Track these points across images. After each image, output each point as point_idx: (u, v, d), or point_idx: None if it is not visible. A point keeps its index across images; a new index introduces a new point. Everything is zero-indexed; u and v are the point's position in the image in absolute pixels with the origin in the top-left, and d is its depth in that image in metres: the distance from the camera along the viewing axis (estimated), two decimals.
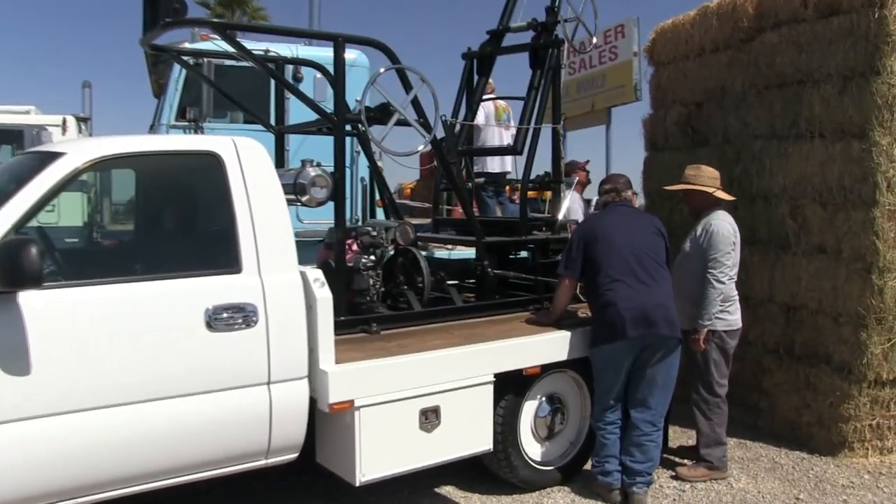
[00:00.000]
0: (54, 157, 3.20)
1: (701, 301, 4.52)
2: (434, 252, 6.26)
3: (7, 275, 2.76)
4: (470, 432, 3.96)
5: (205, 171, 3.47)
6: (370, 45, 4.29)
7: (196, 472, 3.32)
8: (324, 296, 3.50)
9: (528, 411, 4.38)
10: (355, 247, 4.57)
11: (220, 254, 3.40)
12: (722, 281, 4.51)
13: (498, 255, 5.06)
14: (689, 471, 4.70)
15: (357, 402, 3.51)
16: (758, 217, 5.58)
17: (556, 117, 5.31)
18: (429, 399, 3.75)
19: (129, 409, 3.07)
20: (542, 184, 5.34)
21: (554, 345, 4.28)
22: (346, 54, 4.18)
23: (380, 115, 4.27)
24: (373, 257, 4.49)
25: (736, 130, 5.89)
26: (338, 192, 4.10)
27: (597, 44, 5.95)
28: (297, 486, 4.42)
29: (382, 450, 3.63)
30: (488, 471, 4.37)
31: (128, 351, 3.06)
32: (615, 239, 4.25)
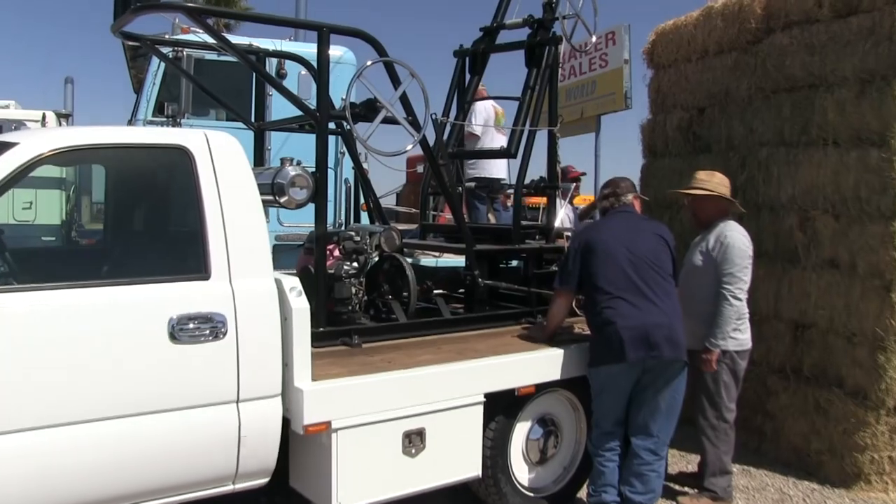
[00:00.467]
0: (5, 148, 2.89)
1: (715, 319, 4.24)
2: (420, 259, 5.98)
3: None
4: (457, 457, 3.65)
5: (172, 167, 3.16)
6: (356, 37, 3.99)
7: (152, 499, 2.99)
8: (300, 306, 3.18)
9: (519, 434, 4.08)
10: (337, 252, 4.28)
11: (187, 258, 3.10)
12: (738, 297, 4.24)
13: (489, 264, 4.76)
14: (692, 501, 4.41)
15: (335, 424, 3.20)
16: (764, 228, 5.30)
17: (553, 119, 5.03)
18: (413, 421, 3.44)
19: (77, 428, 2.75)
20: (536, 189, 5.04)
21: (550, 363, 3.98)
22: (333, 51, 3.92)
23: (365, 111, 3.96)
24: (356, 264, 4.22)
25: (741, 137, 5.64)
26: (319, 194, 3.79)
27: (597, 42, 5.67)
28: None
29: (362, 475, 3.32)
30: (476, 497, 4.07)
31: (79, 364, 2.75)
32: (614, 250, 3.94)
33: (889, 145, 4.44)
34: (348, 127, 4.74)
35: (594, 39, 5.44)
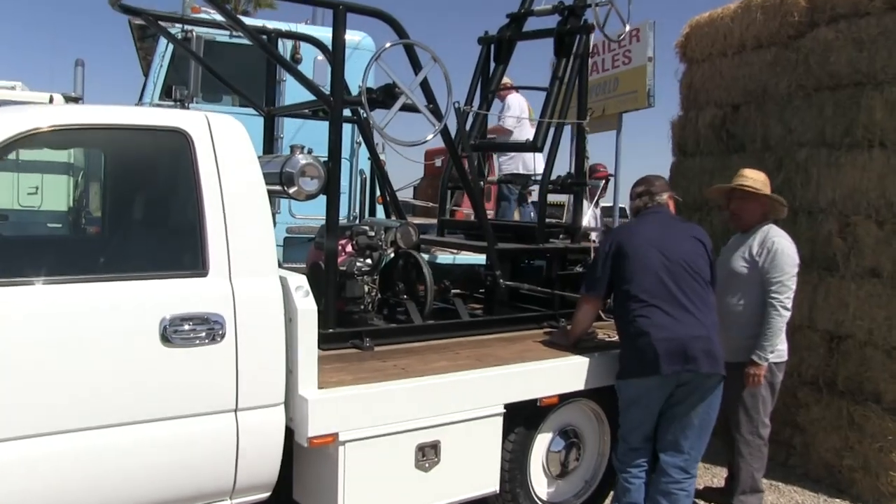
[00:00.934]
0: None
1: (763, 331, 3.96)
2: (437, 256, 5.71)
3: None
4: (474, 471, 3.40)
5: (169, 152, 2.88)
6: (375, 16, 3.72)
7: None
8: (306, 308, 2.92)
9: (539, 446, 3.83)
10: (350, 248, 4.01)
11: (183, 253, 2.83)
12: (788, 307, 3.96)
13: (511, 263, 4.49)
14: None
15: (342, 436, 2.94)
16: (800, 234, 4.96)
17: (582, 112, 4.74)
18: (428, 433, 3.19)
19: (60, 439, 2.50)
20: (563, 185, 4.75)
21: (575, 371, 3.71)
22: (351, 35, 3.66)
23: (383, 97, 3.69)
24: (369, 261, 3.98)
25: (778, 136, 5.35)
26: (331, 185, 3.52)
27: (623, 37, 5.40)
28: None
29: (371, 491, 3.08)
30: None
31: (61, 369, 2.49)
32: (648, 254, 3.65)
33: None
34: (364, 114, 4.48)
35: (627, 29, 5.13)
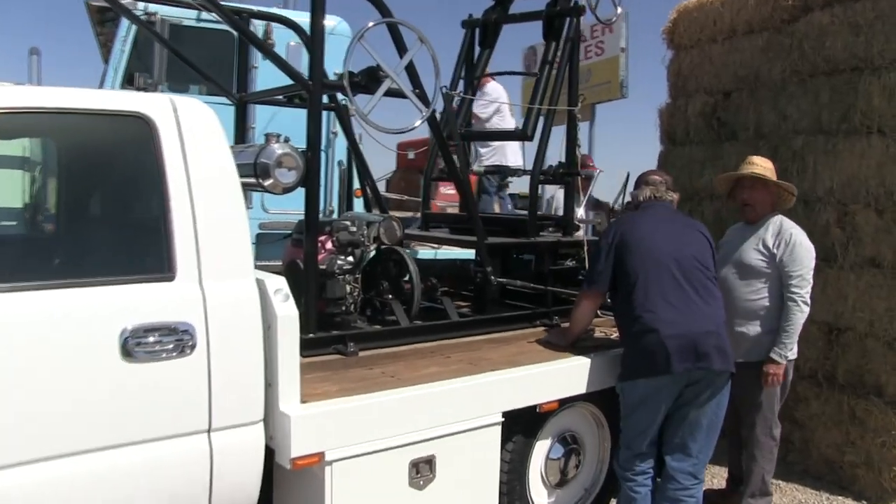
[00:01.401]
0: None
1: (784, 327, 3.77)
2: (417, 252, 5.43)
3: None
4: (472, 486, 3.14)
5: (130, 140, 2.55)
6: None
7: None
8: (287, 313, 2.62)
9: (538, 453, 3.58)
10: (329, 245, 3.73)
11: (147, 254, 2.51)
12: (808, 303, 3.78)
13: (501, 258, 4.23)
14: None
15: (329, 455, 2.66)
16: (797, 223, 4.80)
17: (573, 98, 4.49)
18: (421, 447, 2.91)
19: (5, 474, 2.18)
20: (555, 176, 4.49)
21: (576, 374, 3.47)
22: (326, 21, 3.36)
23: (367, 81, 3.39)
24: (351, 258, 3.70)
25: (772, 124, 5.17)
26: (310, 176, 3.23)
27: (621, 13, 5.20)
28: None
29: None
30: None
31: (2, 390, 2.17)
32: (655, 246, 3.42)
33: None
34: (343, 101, 4.18)
35: (619, 11, 4.91)
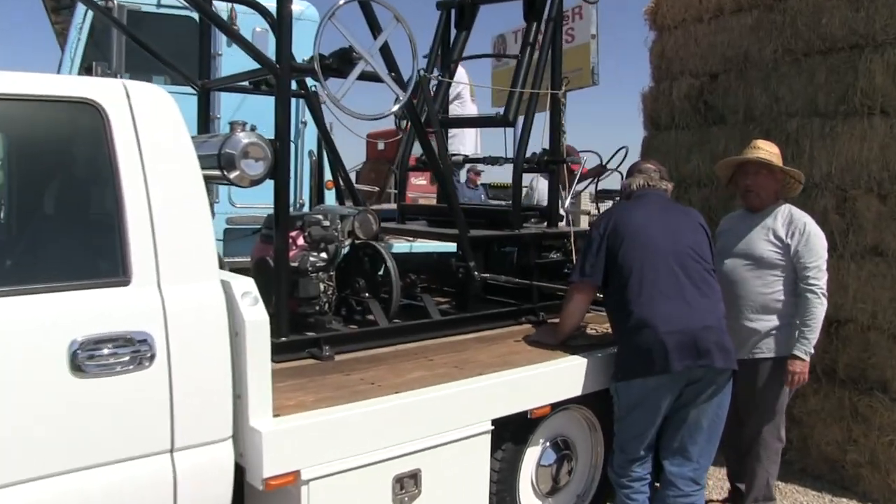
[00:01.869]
0: None
1: (805, 322, 3.59)
2: (392, 245, 5.19)
3: None
4: (460, 501, 2.91)
5: (78, 130, 2.29)
6: None
7: None
8: (256, 318, 2.37)
9: (529, 460, 3.36)
10: (301, 241, 3.47)
11: (98, 256, 2.26)
12: (826, 294, 3.58)
13: (483, 252, 4.01)
14: None
15: (305, 474, 2.42)
16: None
17: (556, 81, 4.27)
18: (406, 461, 2.68)
19: None
20: (539, 164, 4.27)
21: (569, 376, 3.26)
22: (294, 5, 3.12)
23: (339, 64, 3.14)
24: (324, 255, 3.44)
25: (763, 106, 4.97)
26: (279, 168, 2.97)
27: (574, 8, 5.00)
28: None
29: None
30: None
31: None
32: (650, 236, 3.21)
33: None
34: (314, 87, 3.92)
35: None
